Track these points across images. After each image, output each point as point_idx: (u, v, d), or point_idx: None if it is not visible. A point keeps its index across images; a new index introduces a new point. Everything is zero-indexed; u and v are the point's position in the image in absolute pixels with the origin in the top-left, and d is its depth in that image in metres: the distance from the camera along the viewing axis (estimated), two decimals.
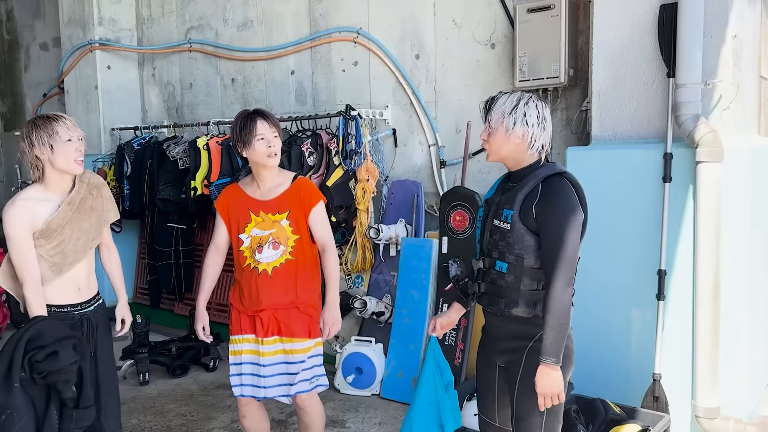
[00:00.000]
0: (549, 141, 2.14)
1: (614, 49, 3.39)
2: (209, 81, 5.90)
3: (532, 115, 2.07)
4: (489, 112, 2.13)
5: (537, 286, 2.09)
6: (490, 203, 2.19)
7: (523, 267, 2.08)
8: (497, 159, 2.16)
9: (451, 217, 3.96)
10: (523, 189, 2.08)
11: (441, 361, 2.44)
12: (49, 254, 2.44)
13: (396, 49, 4.59)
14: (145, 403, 3.99)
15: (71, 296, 2.52)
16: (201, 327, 2.82)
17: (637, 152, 3.26)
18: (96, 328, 2.56)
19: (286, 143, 4.65)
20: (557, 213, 2.02)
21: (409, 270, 4.10)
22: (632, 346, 3.31)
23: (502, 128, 2.09)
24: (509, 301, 2.11)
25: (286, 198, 2.75)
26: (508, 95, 2.12)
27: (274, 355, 2.75)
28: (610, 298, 3.29)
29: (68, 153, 2.41)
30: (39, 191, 2.46)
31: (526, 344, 2.10)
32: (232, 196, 2.82)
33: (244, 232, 2.74)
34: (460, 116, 4.32)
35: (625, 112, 3.38)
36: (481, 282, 2.19)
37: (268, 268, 2.71)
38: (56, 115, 2.46)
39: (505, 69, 4.07)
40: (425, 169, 4.53)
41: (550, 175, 2.09)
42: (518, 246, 2.07)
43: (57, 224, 2.44)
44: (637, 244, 3.26)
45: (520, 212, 2.07)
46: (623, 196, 3.28)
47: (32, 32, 7.54)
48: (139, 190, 5.57)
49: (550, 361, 2.00)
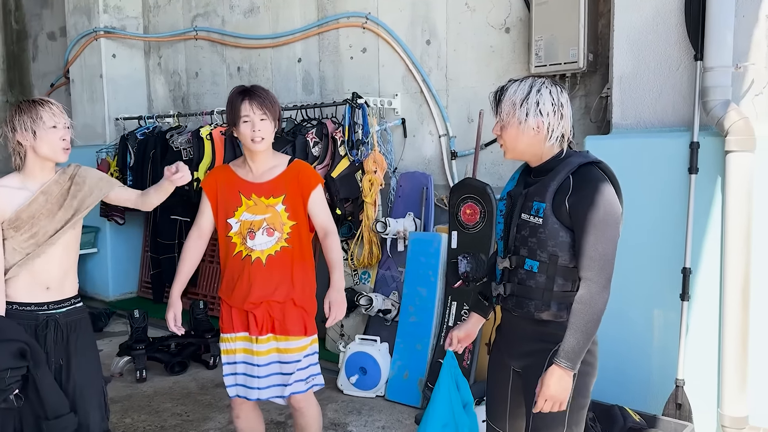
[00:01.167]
0: (569, 129, 1.93)
1: (637, 32, 3.17)
2: (215, 70, 5.75)
3: (546, 103, 1.86)
4: (499, 103, 1.93)
5: (572, 286, 1.88)
6: (514, 196, 1.98)
7: (557, 266, 1.87)
8: (515, 155, 1.97)
9: (461, 210, 3.76)
10: (554, 179, 1.87)
11: (459, 378, 2.21)
12: (21, 246, 2.26)
13: (406, 35, 4.40)
14: (141, 401, 3.84)
15: (38, 294, 2.30)
16: (172, 315, 2.58)
17: (661, 141, 3.05)
18: (67, 333, 2.33)
19: (290, 132, 4.48)
20: (593, 206, 1.81)
21: (416, 266, 3.90)
22: (654, 349, 3.11)
23: (515, 121, 1.89)
24: (540, 303, 1.90)
25: (282, 181, 2.55)
26: (519, 83, 1.91)
27: (268, 354, 2.58)
28: (631, 298, 3.08)
29: (52, 140, 2.25)
30: (16, 179, 2.30)
31: (550, 347, 1.89)
32: (221, 176, 2.61)
33: (234, 217, 2.54)
34: (472, 105, 4.12)
35: (649, 98, 3.17)
36: (506, 283, 1.97)
37: (261, 256, 2.51)
38: (42, 100, 2.30)
39: (520, 54, 3.86)
40: (435, 161, 4.33)
41: (583, 165, 1.88)
42: (552, 242, 1.86)
43: (28, 215, 2.25)
44: (661, 240, 3.05)
45: (553, 205, 1.86)
46: (646, 188, 3.07)
47: (40, 21, 7.45)
48: (141, 182, 5.42)
49: (565, 365, 1.80)
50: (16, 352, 2.09)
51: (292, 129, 4.52)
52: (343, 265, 2.48)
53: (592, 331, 1.81)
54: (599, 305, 1.80)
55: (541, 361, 1.89)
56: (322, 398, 3.79)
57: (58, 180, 2.33)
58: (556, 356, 1.81)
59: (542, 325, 1.91)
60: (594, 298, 1.79)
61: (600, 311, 1.80)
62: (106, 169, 5.78)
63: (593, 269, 1.80)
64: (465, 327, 2.19)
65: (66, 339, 2.32)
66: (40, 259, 2.28)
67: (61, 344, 2.31)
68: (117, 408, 3.69)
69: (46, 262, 2.30)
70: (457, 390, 2.16)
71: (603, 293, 1.80)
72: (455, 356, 2.21)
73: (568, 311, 1.87)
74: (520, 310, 1.93)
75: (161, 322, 5.42)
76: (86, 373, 2.35)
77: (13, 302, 2.28)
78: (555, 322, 1.89)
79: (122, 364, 4.26)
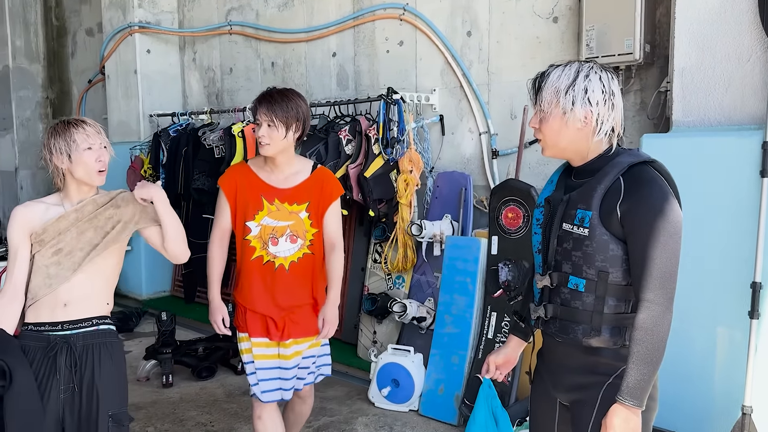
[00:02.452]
0: (620, 122, 1.65)
1: (701, 20, 2.88)
2: (249, 65, 5.60)
3: (595, 91, 1.59)
4: (539, 91, 1.66)
5: (625, 307, 1.62)
6: (554, 202, 1.72)
7: (607, 284, 1.61)
8: (556, 152, 1.70)
9: (502, 213, 3.50)
10: (602, 182, 1.60)
11: (498, 410, 1.98)
12: (45, 264, 2.10)
13: (445, 26, 4.15)
14: (165, 408, 3.71)
15: (55, 312, 2.11)
16: (220, 318, 2.55)
17: (729, 140, 2.75)
18: (84, 358, 2.09)
19: (323, 130, 4.29)
20: (651, 213, 1.54)
21: (453, 272, 3.66)
22: (717, 372, 2.81)
23: (558, 111, 1.62)
24: (588, 328, 1.63)
25: (307, 188, 2.51)
26: (563, 68, 1.64)
27: (293, 357, 2.57)
28: (692, 314, 2.79)
29: (87, 163, 2.11)
30: (56, 198, 2.20)
31: (604, 380, 1.63)
32: (240, 176, 2.53)
33: (253, 220, 2.47)
34: (515, 100, 3.85)
35: (714, 93, 2.86)
36: (547, 304, 1.71)
37: (285, 262, 2.49)
38: (77, 120, 2.15)
39: (569, 45, 3.57)
40: (475, 160, 4.08)
41: (635, 165, 1.60)
42: (600, 257, 1.60)
43: (55, 230, 2.11)
44: (727, 251, 2.75)
45: (601, 213, 1.59)
46: (710, 192, 2.77)
47: (79, 17, 7.45)
48: (173, 180, 5.33)
49: (631, 403, 1.54)
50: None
51: (324, 126, 4.33)
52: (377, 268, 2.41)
53: (658, 361, 1.55)
54: (663, 330, 1.54)
55: (594, 396, 1.64)
56: (352, 410, 3.59)
57: (96, 200, 2.18)
58: (620, 393, 1.55)
59: (593, 353, 1.65)
60: (657, 323, 1.53)
61: (665, 337, 1.55)
62: (140, 167, 5.71)
63: (654, 289, 1.54)
64: (503, 352, 1.94)
65: (80, 365, 2.08)
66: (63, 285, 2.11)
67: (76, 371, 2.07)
68: (141, 415, 3.57)
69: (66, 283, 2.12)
70: (495, 423, 1.92)
71: (666, 315, 1.54)
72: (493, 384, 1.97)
73: (622, 336, 1.62)
74: (564, 336, 1.68)
75: (191, 323, 5.36)
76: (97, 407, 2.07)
77: (29, 323, 2.11)
78: (609, 349, 1.63)
79: (149, 368, 4.14)
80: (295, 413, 2.76)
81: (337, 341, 4.53)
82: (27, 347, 2.06)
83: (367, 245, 4.41)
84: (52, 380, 2.04)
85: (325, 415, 3.52)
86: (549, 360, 1.80)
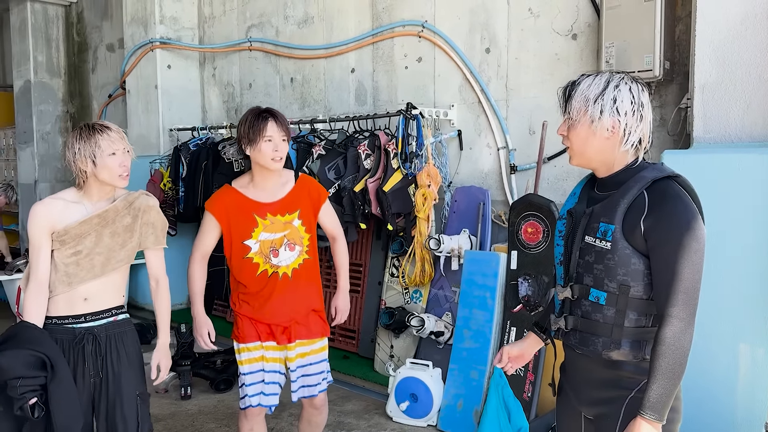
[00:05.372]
0: (648, 135, 1.66)
1: (722, 36, 2.88)
2: (268, 81, 5.67)
3: (624, 101, 1.60)
4: (569, 99, 1.68)
5: (646, 321, 1.63)
6: (576, 214, 1.73)
7: (628, 297, 1.62)
8: (582, 161, 1.71)
9: (522, 228, 3.51)
10: (625, 196, 1.61)
11: (510, 399, 1.98)
12: (63, 261, 2.20)
13: (464, 43, 4.19)
14: (184, 420, 3.72)
15: (76, 305, 2.24)
16: (206, 332, 2.63)
17: (751, 157, 2.74)
18: (107, 347, 2.26)
19: (342, 144, 4.33)
20: (676, 229, 1.55)
21: (472, 287, 3.67)
22: (739, 390, 2.78)
23: (586, 119, 1.63)
24: (609, 341, 1.64)
25: (295, 197, 2.63)
26: (594, 77, 1.66)
27: (297, 359, 2.66)
28: (714, 331, 2.77)
29: (111, 167, 2.21)
30: (74, 194, 2.28)
31: (626, 394, 1.64)
32: (229, 200, 2.59)
33: (251, 238, 2.55)
34: (534, 116, 3.87)
35: (735, 109, 2.86)
36: (568, 316, 1.73)
37: (288, 270, 2.61)
38: (101, 126, 2.25)
39: (588, 62, 3.60)
40: (493, 175, 4.10)
41: (659, 180, 1.61)
42: (622, 270, 1.61)
43: (77, 232, 2.21)
44: (749, 267, 2.73)
45: (624, 227, 1.60)
46: (731, 209, 2.76)
47: (100, 33, 7.58)
48: (193, 193, 5.38)
49: (653, 417, 1.54)
50: (33, 362, 2.04)
51: (343, 141, 4.37)
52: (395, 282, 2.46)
53: (680, 375, 1.55)
54: (685, 345, 1.54)
55: (617, 410, 1.65)
56: (371, 425, 3.59)
57: (117, 207, 2.29)
58: (642, 408, 1.55)
59: (614, 367, 1.66)
60: (679, 338, 1.54)
61: (686, 352, 1.55)
62: (159, 180, 5.77)
63: (676, 304, 1.54)
64: (520, 345, 1.97)
65: (105, 353, 2.25)
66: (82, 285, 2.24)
67: (101, 358, 2.24)
68: (160, 427, 3.58)
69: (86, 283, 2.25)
70: (507, 414, 1.91)
71: (688, 330, 1.55)
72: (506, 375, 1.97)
73: (642, 350, 1.63)
74: (584, 348, 1.69)
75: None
76: (123, 390, 2.27)
77: (52, 316, 2.23)
78: (630, 363, 1.64)
79: (167, 379, 4.15)
80: (312, 425, 2.80)
81: (354, 355, 4.53)
82: (56, 339, 2.20)
83: (384, 259, 4.43)
84: (82, 368, 2.23)
85: (343, 429, 3.52)
86: (571, 374, 1.81)
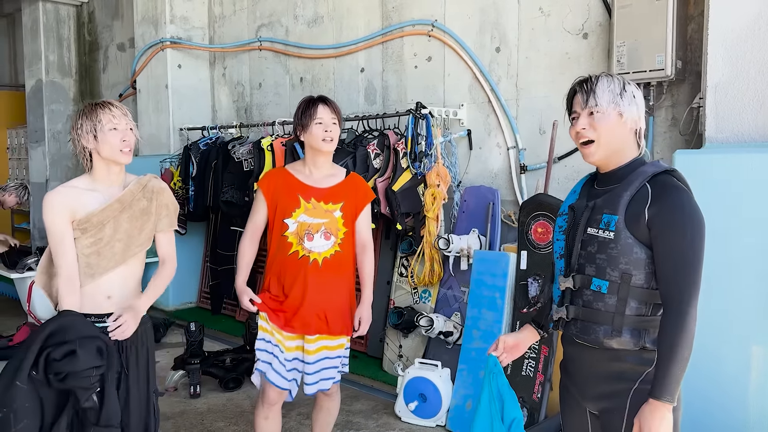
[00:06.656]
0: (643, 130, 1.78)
1: (735, 35, 2.86)
2: (278, 81, 5.68)
3: (638, 97, 1.73)
4: (591, 94, 1.71)
5: (646, 310, 1.67)
6: (578, 209, 1.78)
7: (629, 286, 1.66)
8: (604, 154, 1.72)
9: (532, 228, 3.50)
10: (627, 189, 1.67)
11: (503, 388, 1.92)
12: (84, 252, 2.20)
13: (474, 42, 4.18)
14: (193, 419, 3.74)
15: (100, 304, 2.25)
16: (247, 299, 2.64)
17: (763, 157, 2.72)
18: (126, 344, 2.27)
19: (351, 144, 4.33)
20: (680, 219, 1.60)
21: (481, 287, 3.66)
22: (750, 390, 2.75)
23: (615, 112, 1.69)
24: (610, 329, 1.68)
25: (342, 189, 2.68)
26: (607, 76, 1.74)
27: (317, 352, 2.69)
28: (726, 330, 2.74)
29: (112, 142, 2.20)
30: (86, 181, 2.27)
31: (630, 386, 1.66)
32: (278, 177, 2.69)
33: (291, 217, 2.60)
34: (544, 115, 3.86)
35: (749, 109, 2.84)
36: (569, 305, 1.76)
37: (319, 258, 2.63)
38: (104, 102, 2.25)
39: (599, 61, 3.58)
40: (503, 174, 4.09)
41: (658, 174, 1.68)
42: (624, 260, 1.66)
43: (98, 219, 2.21)
44: (761, 268, 2.70)
45: (626, 217, 1.65)
46: (744, 209, 2.74)
47: (111, 33, 7.62)
48: (203, 192, 5.40)
49: (667, 399, 1.56)
50: (97, 350, 2.07)
51: (353, 140, 4.37)
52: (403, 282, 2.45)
53: (687, 358, 1.60)
54: (690, 328, 1.58)
55: (622, 403, 1.68)
56: (379, 424, 3.59)
57: (132, 190, 2.30)
58: (657, 392, 1.57)
59: (617, 359, 1.69)
60: (684, 324, 1.58)
61: (692, 334, 1.59)
62: (169, 179, 5.79)
63: (681, 292, 1.59)
64: (516, 336, 1.98)
65: (128, 349, 2.27)
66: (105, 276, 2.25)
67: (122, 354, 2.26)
68: (169, 425, 3.60)
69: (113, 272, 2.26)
70: (500, 403, 1.87)
71: (691, 313, 1.59)
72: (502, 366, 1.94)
73: (642, 339, 1.66)
74: (585, 337, 1.72)
75: (217, 334, 5.40)
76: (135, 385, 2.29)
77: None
78: (631, 353, 1.67)
79: (177, 378, 4.18)
80: (324, 411, 2.86)
81: (363, 355, 4.53)
82: None
83: (393, 259, 4.42)
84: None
85: (351, 428, 3.52)
86: (573, 371, 1.83)
